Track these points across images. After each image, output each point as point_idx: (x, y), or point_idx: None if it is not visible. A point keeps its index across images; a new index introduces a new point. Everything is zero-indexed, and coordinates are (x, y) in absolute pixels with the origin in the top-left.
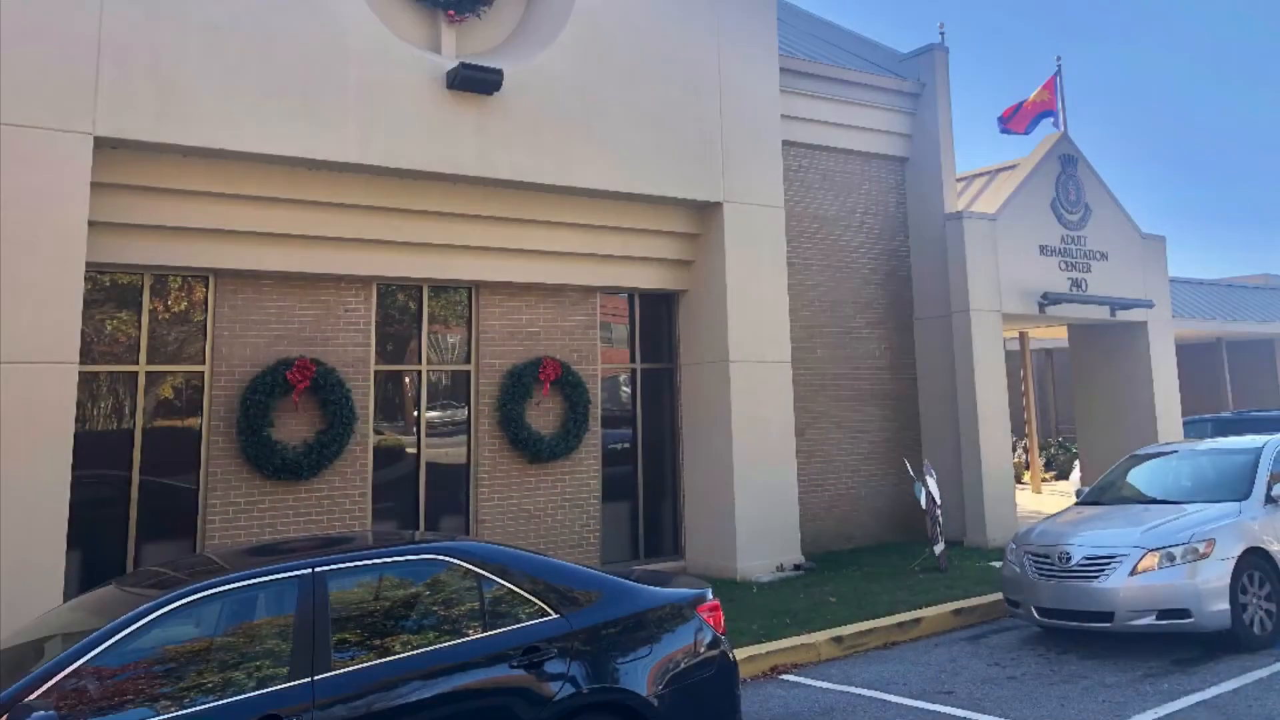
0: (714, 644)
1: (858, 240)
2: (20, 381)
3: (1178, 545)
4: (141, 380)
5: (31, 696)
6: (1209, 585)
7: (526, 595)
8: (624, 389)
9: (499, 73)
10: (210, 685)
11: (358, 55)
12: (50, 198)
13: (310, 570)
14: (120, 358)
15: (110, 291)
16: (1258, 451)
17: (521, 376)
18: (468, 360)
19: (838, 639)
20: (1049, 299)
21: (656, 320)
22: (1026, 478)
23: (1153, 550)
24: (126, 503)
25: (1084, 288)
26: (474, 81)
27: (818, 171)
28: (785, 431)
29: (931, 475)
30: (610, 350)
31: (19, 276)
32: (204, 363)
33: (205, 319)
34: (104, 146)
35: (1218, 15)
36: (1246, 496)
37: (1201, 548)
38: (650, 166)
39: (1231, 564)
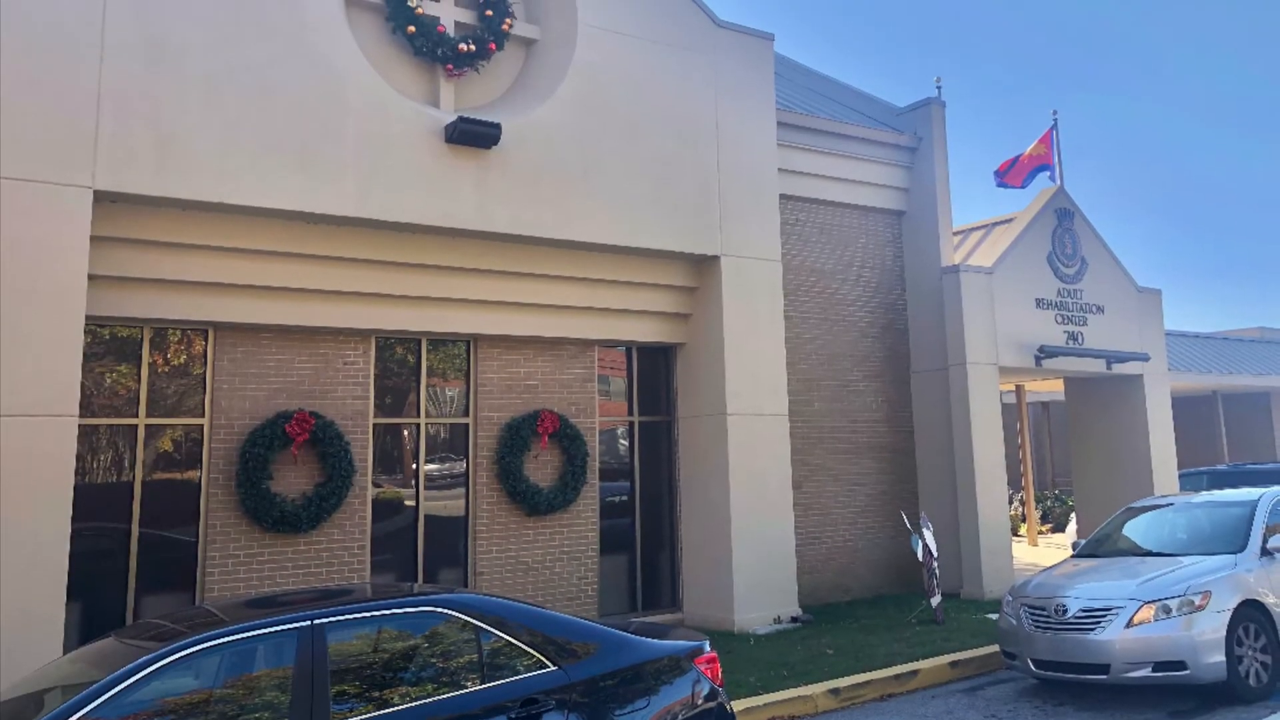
0: (711, 696)
1: (855, 293)
2: (20, 434)
3: (1174, 597)
4: (141, 433)
5: None
6: (1205, 637)
7: (524, 647)
8: (622, 442)
9: (497, 126)
10: None
11: (356, 109)
12: (50, 251)
13: (309, 622)
14: (120, 411)
15: (110, 345)
16: (1253, 504)
17: (520, 429)
18: (466, 413)
19: (835, 691)
20: (1045, 352)
21: (654, 373)
22: (1023, 530)
23: (1149, 602)
24: (126, 555)
25: (1080, 341)
26: (472, 135)
27: (815, 225)
28: (783, 484)
29: (928, 528)
30: (608, 403)
31: (19, 330)
32: (203, 416)
33: (204, 372)
34: (103, 200)
35: (1214, 69)
36: (1242, 549)
37: (1197, 600)
38: (648, 220)
39: (1227, 616)
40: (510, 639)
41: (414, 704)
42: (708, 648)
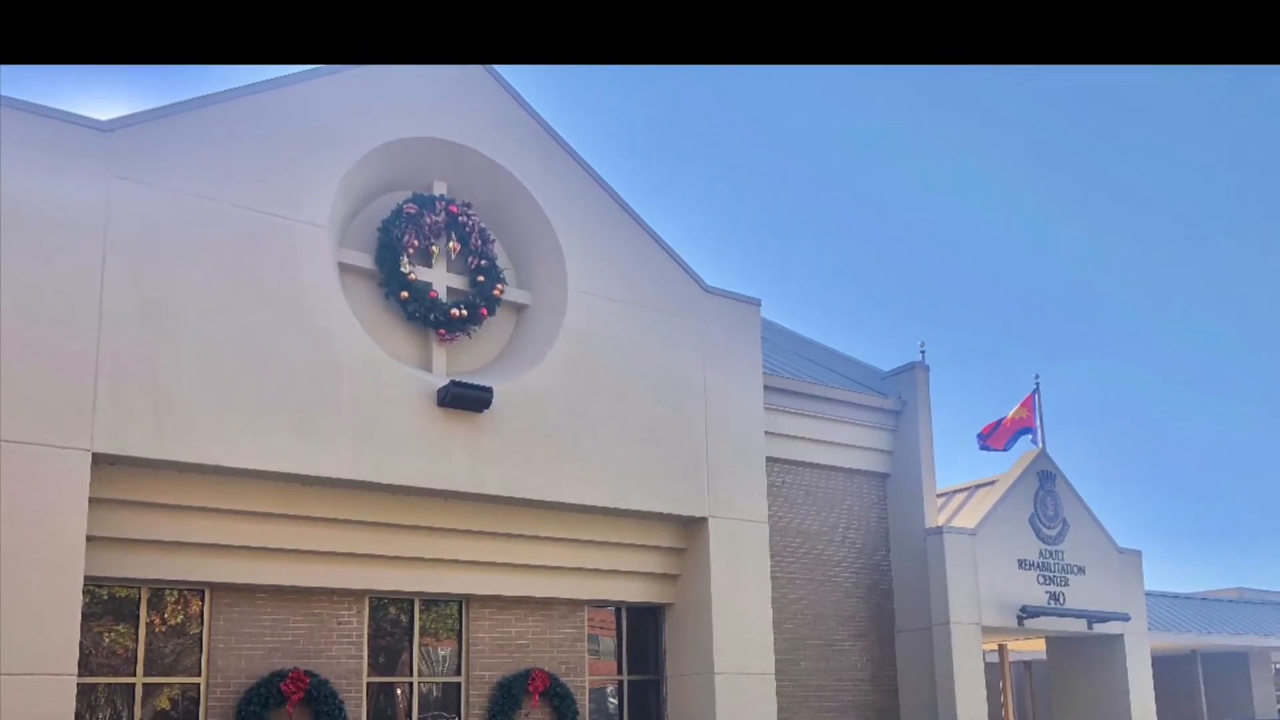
0: None
1: (840, 554)
2: (19, 694)
3: None
4: (139, 692)
5: None
6: None
7: None
8: (611, 700)
9: (489, 390)
10: None
11: (351, 373)
12: (49, 513)
13: None
14: (118, 670)
15: (108, 605)
16: None
17: (511, 688)
18: (458, 672)
19: None
20: (1028, 612)
21: (644, 632)
22: None
23: None
24: None
25: (1062, 601)
26: (465, 399)
27: (801, 487)
28: None
29: None
30: (598, 662)
31: (18, 590)
32: (200, 675)
33: (201, 632)
34: (102, 462)
35: (1194, 336)
36: None
37: None
38: (637, 482)
39: None
40: None
41: None
42: None
